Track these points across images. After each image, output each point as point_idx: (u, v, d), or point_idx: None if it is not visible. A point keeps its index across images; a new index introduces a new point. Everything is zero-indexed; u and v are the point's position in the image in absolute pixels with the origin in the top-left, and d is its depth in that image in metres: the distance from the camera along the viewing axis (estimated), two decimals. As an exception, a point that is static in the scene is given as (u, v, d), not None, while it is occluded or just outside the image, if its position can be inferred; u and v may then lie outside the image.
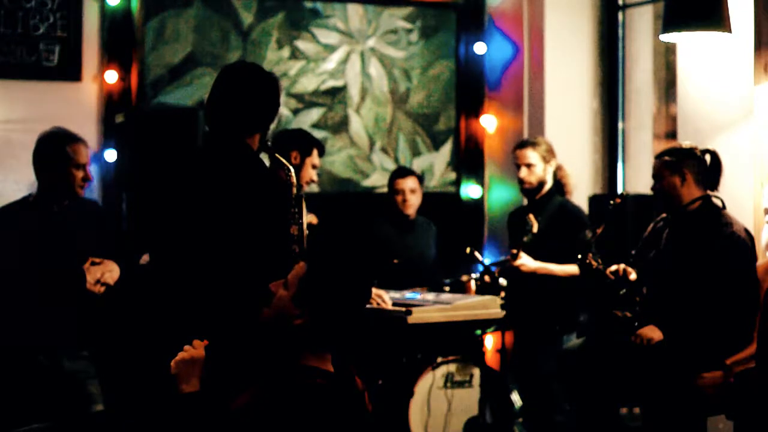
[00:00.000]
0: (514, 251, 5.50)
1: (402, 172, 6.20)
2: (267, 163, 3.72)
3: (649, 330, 4.43)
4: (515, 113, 6.78)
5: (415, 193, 6.14)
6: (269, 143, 3.67)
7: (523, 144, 5.72)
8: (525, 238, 5.52)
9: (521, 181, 5.68)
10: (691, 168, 4.51)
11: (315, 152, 5.03)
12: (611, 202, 4.99)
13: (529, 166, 5.62)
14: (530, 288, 5.55)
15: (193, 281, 3.46)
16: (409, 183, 6.11)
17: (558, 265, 5.49)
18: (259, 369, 2.80)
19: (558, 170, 5.74)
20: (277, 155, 3.62)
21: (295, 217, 3.51)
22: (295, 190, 3.52)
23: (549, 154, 5.64)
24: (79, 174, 4.37)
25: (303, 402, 2.57)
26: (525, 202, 5.92)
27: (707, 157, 4.56)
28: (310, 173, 5.04)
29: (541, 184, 5.65)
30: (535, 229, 5.49)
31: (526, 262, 5.47)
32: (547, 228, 5.53)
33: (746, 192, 5.10)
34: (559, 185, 5.75)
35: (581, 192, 6.18)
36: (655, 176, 4.58)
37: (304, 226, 3.52)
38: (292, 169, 3.56)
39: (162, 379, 2.91)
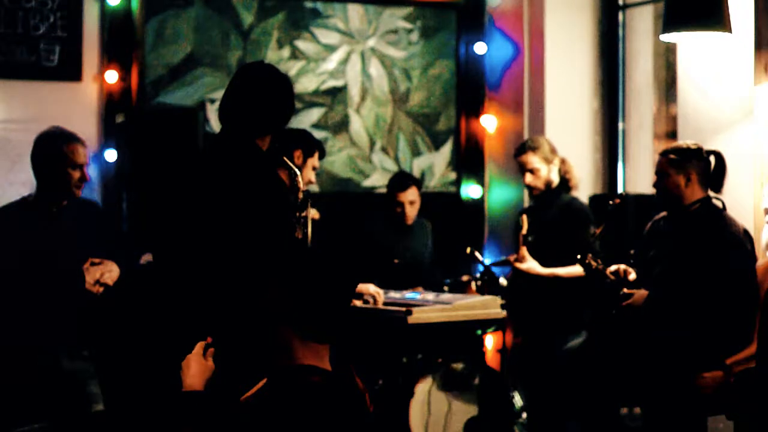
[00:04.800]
0: (520, 254, 5.42)
1: (401, 183, 6.10)
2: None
3: (640, 296, 4.45)
4: (515, 113, 6.78)
5: (415, 204, 6.10)
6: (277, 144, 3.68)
7: (523, 149, 5.59)
8: (530, 238, 5.46)
9: (528, 187, 5.59)
10: (696, 168, 4.47)
11: (317, 154, 5.03)
12: (610, 202, 4.97)
13: (533, 171, 5.52)
14: (535, 288, 5.52)
15: (198, 281, 3.46)
16: (409, 195, 6.06)
17: (564, 267, 5.43)
18: (258, 369, 2.80)
19: (561, 164, 5.63)
20: (285, 158, 3.62)
21: (300, 221, 3.51)
22: (301, 194, 3.51)
23: (551, 154, 5.54)
24: (76, 174, 4.36)
25: (299, 401, 2.56)
26: (526, 198, 5.84)
27: (711, 159, 4.54)
28: (310, 175, 5.04)
29: (548, 183, 5.56)
30: (524, 230, 5.43)
31: (533, 266, 5.41)
32: (553, 226, 5.49)
33: (746, 192, 5.10)
34: (564, 180, 5.64)
35: (581, 192, 6.17)
36: (658, 173, 4.53)
37: (309, 229, 3.52)
38: (299, 172, 3.56)
39: (164, 378, 2.91)
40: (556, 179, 5.58)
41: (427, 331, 5.17)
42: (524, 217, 5.53)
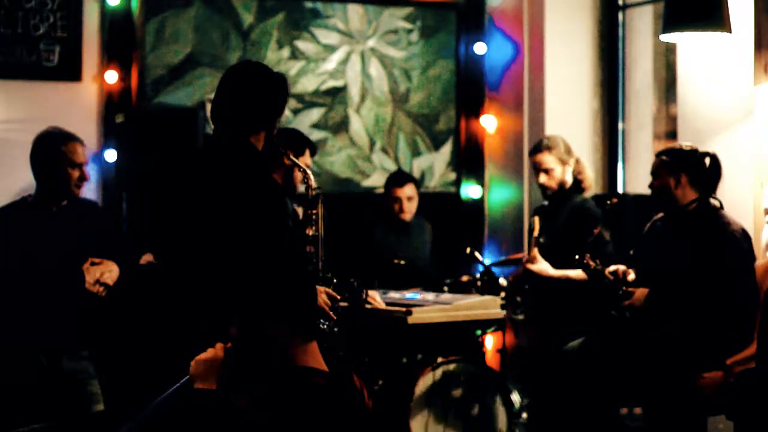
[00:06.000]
0: (531, 255, 5.36)
1: (399, 179, 6.14)
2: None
3: (640, 293, 4.45)
4: (515, 113, 6.77)
5: (412, 200, 6.11)
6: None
7: (538, 148, 5.48)
8: (541, 239, 5.42)
9: (541, 186, 5.49)
10: (687, 171, 4.48)
11: (307, 152, 5.02)
12: (608, 202, 4.95)
13: (547, 171, 5.42)
14: (543, 289, 5.48)
15: (199, 281, 3.46)
16: (406, 191, 6.09)
17: (575, 270, 5.34)
18: (257, 370, 2.81)
19: (575, 164, 5.51)
20: (292, 156, 3.63)
21: (311, 218, 3.50)
22: (312, 192, 3.52)
23: (567, 155, 5.43)
24: (75, 173, 4.36)
25: (301, 402, 2.56)
26: (526, 198, 5.79)
27: (707, 160, 4.53)
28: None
29: (562, 184, 5.45)
30: (536, 232, 5.38)
31: (545, 268, 5.33)
32: (564, 228, 5.45)
33: (746, 192, 5.10)
34: (577, 181, 5.52)
35: (582, 193, 6.17)
36: (652, 174, 4.56)
37: (321, 226, 3.52)
38: (309, 171, 3.57)
39: (164, 378, 2.91)
40: (569, 180, 5.47)
41: (427, 331, 5.17)
42: (536, 218, 5.43)
